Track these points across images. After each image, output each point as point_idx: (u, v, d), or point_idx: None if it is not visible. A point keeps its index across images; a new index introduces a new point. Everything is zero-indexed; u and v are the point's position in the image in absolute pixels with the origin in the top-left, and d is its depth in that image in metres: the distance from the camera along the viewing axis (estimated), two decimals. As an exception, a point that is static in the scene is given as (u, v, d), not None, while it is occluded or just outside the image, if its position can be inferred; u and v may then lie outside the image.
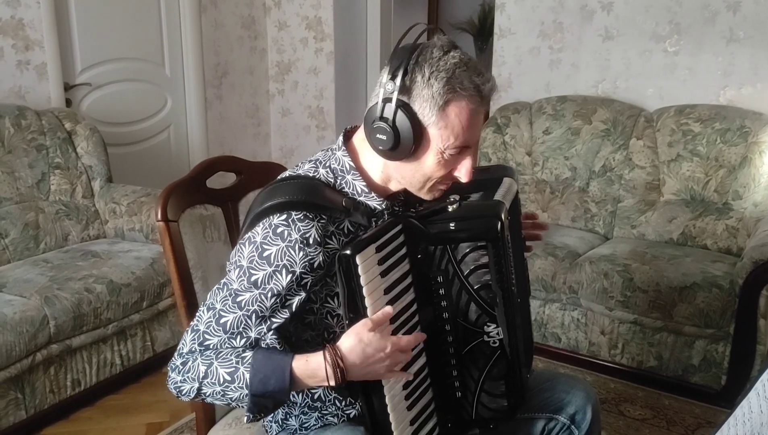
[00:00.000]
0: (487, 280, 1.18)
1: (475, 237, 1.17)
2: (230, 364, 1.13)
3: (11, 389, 2.23)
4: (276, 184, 1.22)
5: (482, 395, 1.25)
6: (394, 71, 1.11)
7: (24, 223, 2.72)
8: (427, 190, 1.20)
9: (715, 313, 2.46)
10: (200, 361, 1.14)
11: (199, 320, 1.17)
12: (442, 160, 1.15)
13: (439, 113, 1.11)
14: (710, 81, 3.12)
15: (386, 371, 1.12)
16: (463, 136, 1.13)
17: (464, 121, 1.12)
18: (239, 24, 4.21)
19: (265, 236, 1.13)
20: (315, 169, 1.23)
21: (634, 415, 2.49)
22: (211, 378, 1.13)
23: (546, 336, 2.88)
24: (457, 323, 1.22)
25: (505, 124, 3.43)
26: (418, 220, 1.19)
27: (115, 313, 2.50)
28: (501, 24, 3.66)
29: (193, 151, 4.04)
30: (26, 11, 3.04)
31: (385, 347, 1.10)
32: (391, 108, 1.11)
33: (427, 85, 1.10)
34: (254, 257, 1.13)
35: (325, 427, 1.31)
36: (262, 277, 1.13)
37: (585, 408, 1.39)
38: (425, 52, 1.11)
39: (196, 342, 1.16)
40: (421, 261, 1.20)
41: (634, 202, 3.08)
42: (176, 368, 1.17)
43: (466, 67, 1.11)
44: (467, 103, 1.11)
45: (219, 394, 1.14)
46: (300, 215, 1.13)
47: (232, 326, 1.15)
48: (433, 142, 1.13)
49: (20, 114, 2.83)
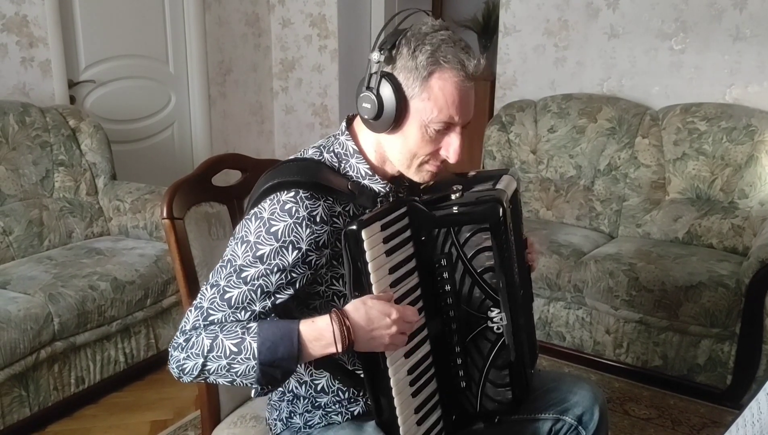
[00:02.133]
0: (491, 264, 1.20)
1: (478, 220, 1.19)
2: (236, 335, 1.11)
3: (15, 386, 2.23)
4: (283, 165, 1.23)
5: (487, 386, 1.26)
6: (383, 44, 1.15)
7: (28, 220, 2.72)
8: (415, 169, 1.21)
9: (720, 312, 2.45)
10: (204, 335, 1.12)
11: (203, 298, 1.16)
12: (426, 135, 1.16)
13: (423, 84, 1.13)
14: (716, 79, 3.11)
15: (390, 339, 1.11)
16: (447, 110, 1.14)
17: (447, 93, 1.13)
18: (243, 21, 4.21)
19: (273, 212, 1.14)
20: (319, 153, 1.25)
21: (639, 415, 2.48)
22: (217, 351, 1.11)
23: (550, 335, 2.87)
24: (461, 308, 1.23)
25: (510, 122, 3.42)
26: (423, 205, 1.21)
27: (119, 310, 2.50)
28: (506, 21, 3.65)
29: (197, 148, 4.04)
30: (30, 8, 3.04)
31: (390, 312, 1.10)
32: (377, 78, 1.14)
33: (412, 57, 1.12)
34: (261, 232, 1.14)
35: (329, 425, 1.31)
36: (268, 251, 1.13)
37: (592, 408, 1.39)
38: (415, 29, 1.15)
39: (200, 318, 1.15)
40: (425, 244, 1.21)
41: (640, 201, 3.07)
42: (179, 346, 1.14)
43: (453, 44, 1.13)
44: (451, 75, 1.12)
45: (224, 368, 1.11)
46: (307, 194, 1.14)
47: (237, 301, 1.14)
48: (417, 114, 1.15)
49: (24, 111, 2.83)
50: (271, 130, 4.57)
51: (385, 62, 1.14)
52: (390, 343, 1.12)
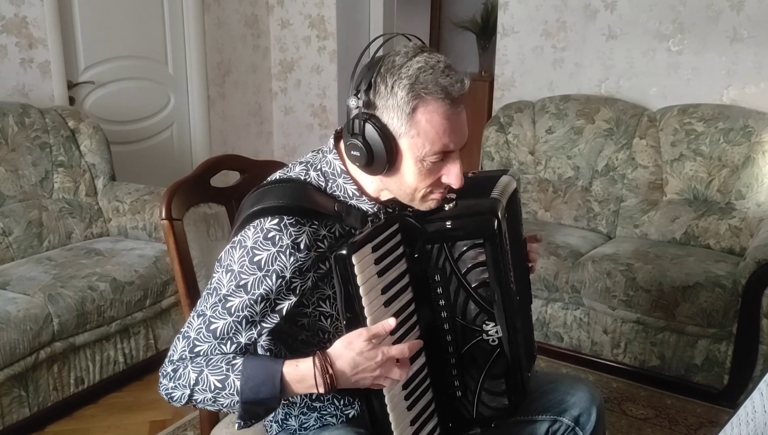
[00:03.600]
0: (485, 278, 1.17)
1: (473, 235, 1.16)
2: (220, 372, 1.11)
3: (15, 387, 2.24)
4: (267, 187, 1.20)
5: (483, 394, 1.25)
6: (358, 86, 1.10)
7: (27, 221, 2.73)
8: (419, 201, 1.17)
9: (717, 312, 2.46)
10: (191, 368, 1.13)
11: (190, 327, 1.16)
12: (424, 170, 1.11)
13: (409, 121, 1.08)
14: (714, 80, 3.12)
15: (374, 381, 1.10)
16: (440, 142, 1.09)
17: (436, 125, 1.08)
18: (242, 22, 4.22)
19: (256, 241, 1.12)
20: (306, 171, 1.21)
21: (636, 415, 2.49)
22: (202, 385, 1.12)
23: (548, 335, 2.88)
24: (456, 322, 1.21)
25: (508, 123, 3.43)
26: (415, 219, 1.18)
27: (118, 311, 2.51)
28: (504, 23, 3.66)
29: (196, 149, 4.04)
30: (30, 9, 3.04)
31: (376, 357, 1.07)
32: (359, 123, 1.09)
33: (392, 94, 1.07)
34: (245, 262, 1.12)
35: (323, 427, 1.31)
36: (251, 281, 1.12)
37: (589, 409, 1.39)
38: (387, 62, 1.09)
39: (186, 349, 1.15)
40: (418, 260, 1.19)
41: (637, 202, 3.08)
42: (167, 375, 1.15)
43: (432, 70, 1.07)
44: (435, 106, 1.07)
45: (210, 400, 1.13)
46: (292, 220, 1.12)
47: (222, 332, 1.14)
48: (409, 152, 1.10)
49: (24, 112, 2.84)
50: (270, 131, 4.58)
51: (364, 105, 1.09)
52: (372, 384, 1.10)
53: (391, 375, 1.09)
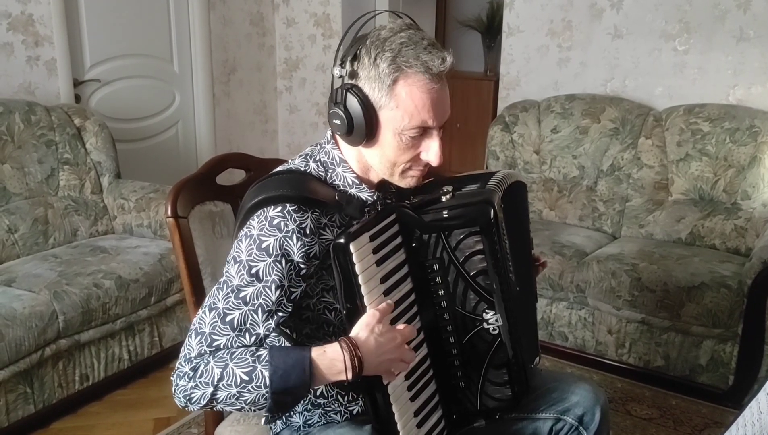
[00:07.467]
0: (484, 266, 1.18)
1: (468, 223, 1.17)
2: (247, 364, 1.08)
3: (20, 384, 2.25)
4: (268, 179, 1.22)
5: (485, 385, 1.26)
6: (343, 57, 1.13)
7: (33, 219, 2.74)
8: (398, 176, 1.19)
9: (723, 313, 2.46)
10: (213, 364, 1.10)
11: (202, 322, 1.13)
12: (402, 143, 1.14)
13: (389, 93, 1.10)
14: (720, 80, 3.11)
15: (391, 364, 1.11)
16: (419, 116, 1.11)
17: (416, 99, 1.10)
18: (247, 21, 4.22)
19: (262, 228, 1.13)
20: (305, 163, 1.23)
21: (641, 415, 2.49)
22: (227, 380, 1.08)
23: (553, 335, 2.88)
24: (456, 311, 1.22)
25: (513, 122, 3.42)
26: (412, 210, 1.19)
27: (123, 308, 2.52)
28: (509, 22, 3.65)
29: (201, 147, 4.05)
30: (36, 7, 3.05)
31: (395, 338, 1.09)
32: (342, 93, 1.13)
33: (374, 66, 1.10)
34: (252, 250, 1.13)
35: (327, 424, 1.31)
36: (262, 268, 1.12)
37: (593, 409, 1.39)
38: (373, 35, 1.12)
39: (204, 344, 1.12)
40: (416, 250, 1.20)
41: (643, 202, 3.07)
42: (185, 375, 1.11)
43: (414, 45, 1.10)
44: (416, 80, 1.10)
45: (233, 397, 1.09)
46: (295, 207, 1.13)
47: (239, 323, 1.12)
48: (389, 123, 1.13)
49: (30, 110, 2.85)
50: (275, 130, 4.58)
51: (348, 75, 1.12)
52: (390, 368, 1.11)
53: (405, 358, 1.11)
